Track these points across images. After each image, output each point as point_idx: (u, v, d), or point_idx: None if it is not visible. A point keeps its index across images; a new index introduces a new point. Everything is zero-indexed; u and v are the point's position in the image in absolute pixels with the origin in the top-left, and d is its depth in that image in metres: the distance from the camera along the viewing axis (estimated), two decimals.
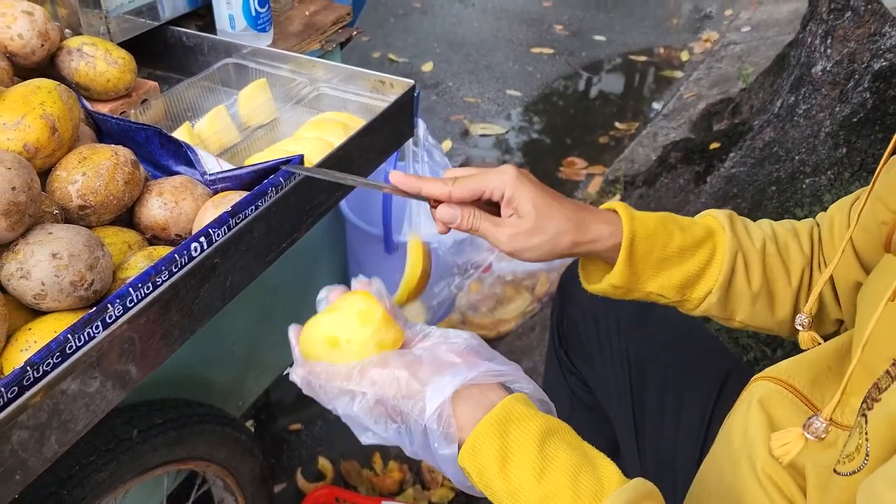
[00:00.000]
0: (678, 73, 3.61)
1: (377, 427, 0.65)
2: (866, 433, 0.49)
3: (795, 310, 0.84)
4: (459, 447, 0.62)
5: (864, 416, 0.50)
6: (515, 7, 4.28)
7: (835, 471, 0.53)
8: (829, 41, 1.59)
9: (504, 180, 0.76)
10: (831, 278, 0.81)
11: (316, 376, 0.68)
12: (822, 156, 1.47)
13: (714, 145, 2.14)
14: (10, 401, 0.57)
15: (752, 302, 0.83)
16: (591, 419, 1.19)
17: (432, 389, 0.62)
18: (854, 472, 0.50)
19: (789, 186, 1.47)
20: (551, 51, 3.80)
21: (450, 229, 0.80)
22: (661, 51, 3.86)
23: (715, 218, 0.85)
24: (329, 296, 0.74)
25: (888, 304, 0.54)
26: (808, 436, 0.57)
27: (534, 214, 0.76)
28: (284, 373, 0.74)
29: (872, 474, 0.45)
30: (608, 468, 0.60)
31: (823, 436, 0.56)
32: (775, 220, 0.88)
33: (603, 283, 0.82)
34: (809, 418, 0.58)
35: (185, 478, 1.22)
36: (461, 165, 2.90)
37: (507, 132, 3.14)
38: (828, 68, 1.58)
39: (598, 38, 3.96)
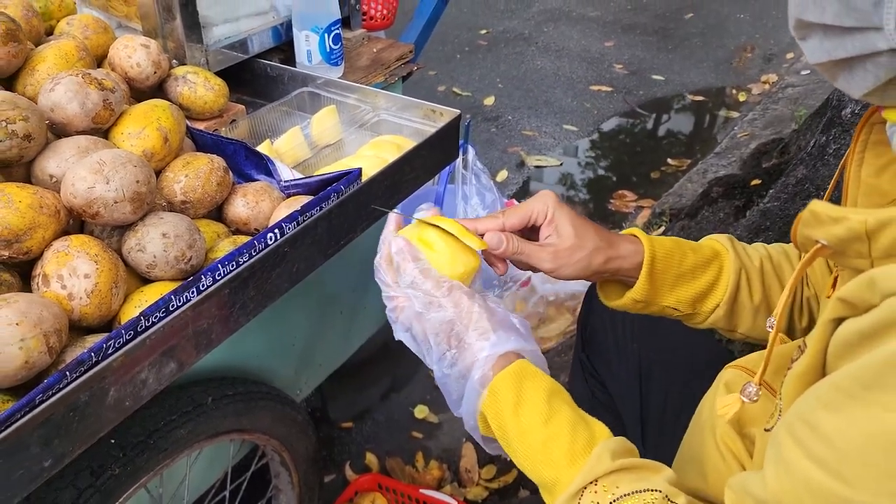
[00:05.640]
0: (734, 113, 3.69)
1: (430, 327, 0.76)
2: (780, 395, 0.62)
3: (791, 323, 0.96)
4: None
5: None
6: (577, 46, 4.44)
7: (765, 430, 0.65)
8: None
9: (546, 201, 0.89)
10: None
11: (413, 258, 0.79)
12: None
13: (755, 182, 2.24)
14: (128, 341, 0.75)
15: (754, 315, 0.95)
16: (609, 419, 1.30)
17: (497, 336, 0.75)
18: (773, 427, 0.63)
19: None
20: (610, 89, 3.93)
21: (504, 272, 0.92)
22: (720, 91, 3.95)
23: (718, 241, 0.98)
24: (429, 212, 0.86)
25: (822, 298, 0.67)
26: (744, 398, 0.69)
27: (573, 232, 0.87)
28: (383, 236, 0.84)
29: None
30: (599, 425, 0.74)
31: (755, 398, 0.69)
32: None
33: (625, 299, 0.93)
34: (745, 384, 0.70)
35: (248, 452, 1.39)
36: (514, 195, 3.05)
37: (561, 164, 3.28)
38: (856, 111, 1.68)
39: (656, 77, 4.07)
